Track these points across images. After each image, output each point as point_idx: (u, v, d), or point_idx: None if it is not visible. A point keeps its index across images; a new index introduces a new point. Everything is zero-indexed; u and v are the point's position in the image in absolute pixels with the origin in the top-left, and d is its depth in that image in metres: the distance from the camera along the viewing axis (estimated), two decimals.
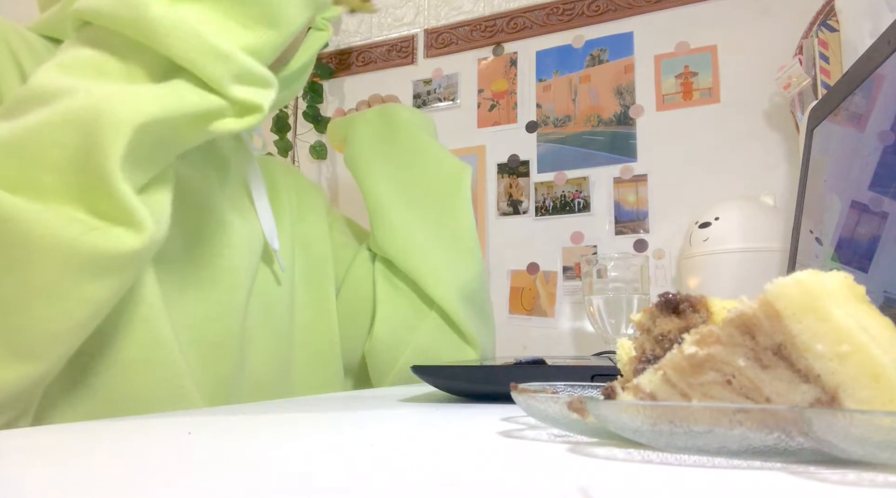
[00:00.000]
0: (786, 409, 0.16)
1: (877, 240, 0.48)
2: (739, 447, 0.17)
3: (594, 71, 1.20)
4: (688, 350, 0.19)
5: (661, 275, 1.10)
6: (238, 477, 0.18)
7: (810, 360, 0.16)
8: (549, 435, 0.25)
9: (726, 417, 0.16)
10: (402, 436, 0.27)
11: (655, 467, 0.18)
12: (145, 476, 0.19)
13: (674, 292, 0.24)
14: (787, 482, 0.16)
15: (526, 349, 1.15)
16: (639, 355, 0.24)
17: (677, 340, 0.23)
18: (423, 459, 0.21)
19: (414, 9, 1.38)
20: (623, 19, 1.19)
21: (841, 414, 0.15)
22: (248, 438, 0.27)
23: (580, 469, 0.18)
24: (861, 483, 0.16)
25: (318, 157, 1.39)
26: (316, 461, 0.21)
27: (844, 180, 0.57)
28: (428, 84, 1.34)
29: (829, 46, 0.92)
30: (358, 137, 0.81)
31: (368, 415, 0.35)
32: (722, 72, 1.11)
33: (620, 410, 0.18)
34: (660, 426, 0.17)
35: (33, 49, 0.51)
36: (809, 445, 0.16)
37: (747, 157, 1.07)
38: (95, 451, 0.24)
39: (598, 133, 1.18)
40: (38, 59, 0.50)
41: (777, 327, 0.17)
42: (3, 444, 0.26)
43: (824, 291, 0.16)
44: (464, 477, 0.18)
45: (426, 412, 0.36)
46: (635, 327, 0.25)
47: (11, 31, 0.50)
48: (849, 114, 0.58)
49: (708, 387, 0.18)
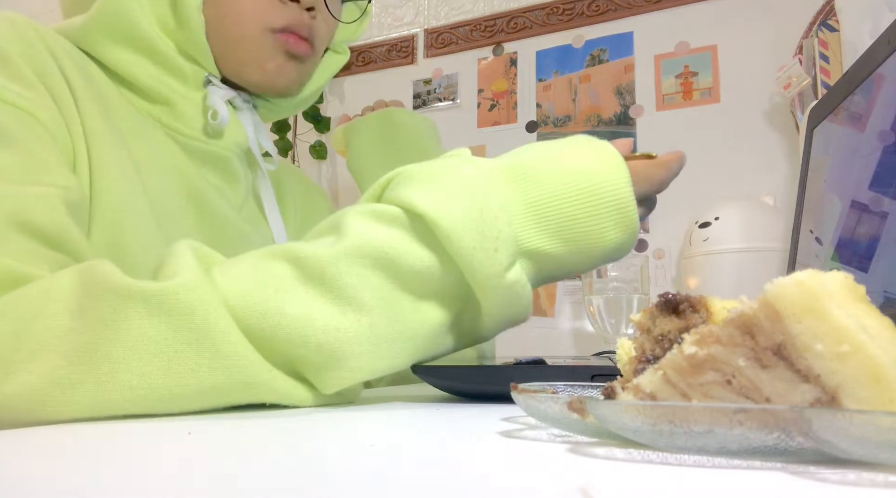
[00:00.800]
0: (786, 409, 0.16)
1: (877, 240, 0.48)
2: (739, 447, 0.17)
3: (594, 71, 1.20)
4: (688, 350, 0.19)
5: (661, 275, 1.10)
6: (238, 477, 0.18)
7: (810, 360, 0.16)
8: (549, 435, 0.25)
9: (726, 417, 0.16)
10: (402, 436, 0.27)
11: (655, 467, 0.18)
12: (145, 476, 0.19)
13: (674, 292, 0.24)
14: (787, 482, 0.16)
15: (526, 349, 1.15)
16: (639, 355, 0.24)
17: (677, 341, 0.23)
18: (423, 459, 0.21)
19: (414, 9, 1.38)
20: (623, 19, 1.19)
21: (841, 414, 0.15)
22: (248, 438, 0.27)
23: (580, 469, 0.18)
24: (861, 483, 0.16)
25: (318, 157, 1.39)
26: (316, 461, 0.21)
27: (844, 180, 0.57)
28: (428, 84, 1.34)
29: (829, 46, 0.92)
30: (359, 142, 0.82)
31: (368, 415, 0.35)
32: (722, 72, 1.11)
33: (620, 410, 0.18)
34: (660, 426, 0.17)
35: (69, 52, 0.52)
36: (809, 445, 0.16)
37: (747, 157, 1.07)
38: (95, 451, 0.24)
39: (598, 133, 1.18)
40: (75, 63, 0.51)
41: (777, 327, 0.17)
42: (3, 444, 0.26)
43: (824, 291, 0.16)
44: (464, 477, 0.18)
45: (426, 412, 0.36)
46: (635, 327, 0.25)
47: (50, 36, 0.51)
48: (849, 114, 0.58)
49: (708, 387, 0.18)
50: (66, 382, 0.32)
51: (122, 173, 0.51)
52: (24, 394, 0.32)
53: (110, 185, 0.49)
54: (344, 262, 0.37)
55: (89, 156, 0.49)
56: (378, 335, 0.37)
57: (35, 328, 0.33)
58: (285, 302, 0.36)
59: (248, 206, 0.66)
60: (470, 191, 0.40)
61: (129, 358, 0.33)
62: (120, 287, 0.34)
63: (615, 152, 0.43)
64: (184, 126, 0.58)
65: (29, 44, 0.48)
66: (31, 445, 0.26)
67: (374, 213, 0.40)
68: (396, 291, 0.39)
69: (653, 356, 0.23)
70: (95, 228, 0.48)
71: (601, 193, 0.41)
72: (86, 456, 0.23)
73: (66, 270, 0.36)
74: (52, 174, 0.43)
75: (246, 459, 0.21)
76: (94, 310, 0.33)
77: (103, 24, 0.55)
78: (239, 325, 0.35)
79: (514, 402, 0.24)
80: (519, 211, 0.41)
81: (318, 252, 0.37)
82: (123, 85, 0.57)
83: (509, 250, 0.39)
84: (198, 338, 0.34)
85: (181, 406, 0.35)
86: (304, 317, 0.36)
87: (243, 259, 0.39)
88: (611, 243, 0.42)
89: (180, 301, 0.34)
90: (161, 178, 0.55)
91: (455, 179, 0.40)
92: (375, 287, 0.38)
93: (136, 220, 0.51)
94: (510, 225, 0.40)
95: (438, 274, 0.39)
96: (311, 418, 0.33)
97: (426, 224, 0.39)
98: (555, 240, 0.41)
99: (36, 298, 0.34)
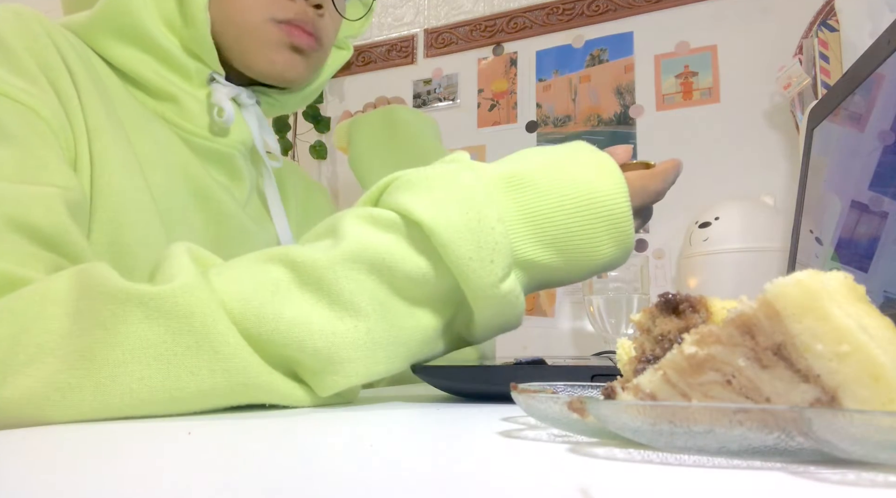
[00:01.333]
0: (786, 409, 0.16)
1: (877, 240, 0.48)
2: (739, 447, 0.17)
3: (594, 71, 1.20)
4: (688, 350, 0.19)
5: (661, 275, 1.10)
6: (237, 477, 0.18)
7: (810, 360, 0.16)
8: (549, 435, 0.25)
9: (726, 417, 0.16)
10: (402, 436, 0.27)
11: (655, 467, 0.18)
12: (145, 476, 0.19)
13: (673, 292, 0.24)
14: (787, 482, 0.16)
15: (526, 349, 1.15)
16: (639, 355, 0.24)
17: (677, 340, 0.23)
18: (423, 459, 0.21)
19: (414, 9, 1.38)
20: (623, 19, 1.19)
21: (841, 414, 0.15)
22: (248, 438, 0.27)
23: (580, 469, 0.18)
24: (861, 483, 0.16)
25: (318, 156, 1.39)
26: (316, 461, 0.21)
27: (844, 180, 0.57)
28: (428, 84, 1.34)
29: (829, 46, 0.92)
30: (360, 139, 0.82)
31: (368, 415, 0.35)
32: (722, 72, 1.11)
33: (620, 410, 0.18)
34: (660, 426, 0.17)
35: (74, 47, 0.52)
36: (809, 445, 0.16)
37: (747, 157, 1.07)
38: (95, 451, 0.24)
39: (598, 133, 1.18)
40: (80, 57, 0.51)
41: (777, 327, 0.17)
42: (3, 444, 0.26)
43: (824, 291, 0.16)
44: (464, 477, 0.18)
45: (426, 412, 0.36)
46: (635, 327, 0.25)
47: (55, 30, 0.51)
48: (849, 114, 0.58)
49: (708, 387, 0.18)
50: (65, 386, 0.32)
51: (125, 169, 0.51)
52: (24, 398, 0.32)
53: (112, 181, 0.49)
54: (341, 267, 0.37)
55: (91, 152, 0.49)
56: (374, 340, 0.38)
57: (33, 332, 0.33)
58: (283, 306, 0.36)
59: (253, 204, 0.66)
60: (468, 200, 0.40)
61: (128, 361, 0.33)
62: (118, 291, 0.33)
63: (615, 166, 0.43)
64: (188, 123, 0.58)
65: (34, 37, 0.48)
66: (31, 445, 0.26)
67: (371, 217, 0.40)
68: (392, 296, 0.39)
69: (653, 356, 0.23)
70: (96, 226, 0.48)
71: (599, 208, 0.42)
72: (86, 456, 0.23)
73: (62, 273, 0.36)
74: (52, 173, 0.43)
75: (245, 460, 0.21)
76: (93, 313, 0.33)
77: (107, 20, 0.55)
78: (237, 328, 0.35)
79: (514, 402, 0.24)
80: (516, 222, 0.41)
81: (316, 256, 0.37)
82: (128, 81, 0.57)
83: (505, 261, 0.39)
84: (197, 341, 0.34)
85: (181, 408, 0.35)
86: (302, 321, 0.36)
87: (240, 262, 0.39)
88: (605, 257, 0.43)
89: (178, 304, 0.34)
90: (166, 176, 0.55)
91: (454, 187, 0.40)
92: (372, 292, 0.38)
93: (139, 217, 0.51)
94: (506, 236, 0.40)
95: (434, 281, 0.39)
96: (311, 419, 0.33)
97: (423, 232, 0.39)
98: (550, 252, 0.41)
99: (33, 301, 0.34)
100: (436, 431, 0.29)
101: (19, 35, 0.47)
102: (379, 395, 0.50)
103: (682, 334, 0.22)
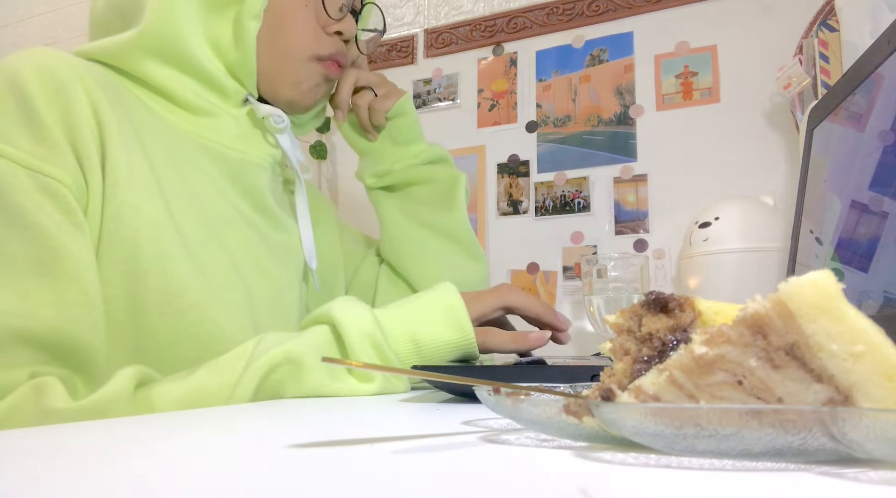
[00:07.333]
0: (810, 409, 0.15)
1: (877, 240, 0.48)
2: (763, 449, 0.16)
3: (594, 71, 1.20)
4: (698, 350, 0.18)
5: (661, 275, 1.10)
6: (237, 477, 0.18)
7: (824, 359, 0.16)
8: (549, 435, 0.24)
9: (741, 418, 0.16)
10: (402, 436, 0.27)
11: (655, 468, 0.18)
12: (145, 476, 0.19)
13: (658, 291, 0.23)
14: (792, 483, 0.16)
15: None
16: (634, 357, 0.24)
17: (667, 339, 0.22)
18: (423, 460, 0.21)
19: (414, 9, 1.38)
20: (623, 19, 1.19)
21: (862, 413, 0.14)
22: (248, 437, 0.27)
23: (580, 469, 0.18)
24: (874, 480, 0.15)
25: (318, 156, 1.39)
26: (316, 461, 0.21)
27: (844, 180, 0.57)
28: (428, 84, 1.34)
29: (829, 46, 0.92)
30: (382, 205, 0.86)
31: (368, 415, 0.35)
32: (722, 72, 1.11)
33: (626, 413, 0.18)
34: (685, 430, 0.17)
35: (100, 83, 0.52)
36: (831, 446, 0.16)
37: (747, 157, 1.07)
38: (96, 451, 0.24)
39: (597, 133, 1.18)
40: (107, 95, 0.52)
41: (790, 327, 0.17)
42: (3, 444, 0.26)
43: (838, 291, 0.16)
44: (464, 477, 0.18)
45: (426, 412, 0.36)
46: (612, 329, 0.24)
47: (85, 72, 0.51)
48: (849, 114, 0.58)
49: (717, 388, 0.18)
50: None
51: (144, 190, 0.52)
52: None
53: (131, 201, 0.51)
54: None
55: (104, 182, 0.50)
56: None
57: None
58: None
59: (280, 216, 0.69)
60: None
61: None
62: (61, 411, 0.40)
63: None
64: (223, 137, 0.62)
65: (58, 89, 0.48)
66: (31, 445, 0.25)
67: None
68: None
69: (647, 357, 0.23)
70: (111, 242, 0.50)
71: None
72: (86, 456, 0.23)
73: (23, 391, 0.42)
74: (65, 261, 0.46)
75: (245, 459, 0.21)
76: None
77: (150, 43, 0.57)
78: None
79: None
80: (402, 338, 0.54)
81: None
82: (161, 95, 0.60)
83: None
84: None
85: None
86: None
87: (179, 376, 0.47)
88: None
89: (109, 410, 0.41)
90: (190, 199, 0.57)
91: None
92: None
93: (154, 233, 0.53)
94: None
95: None
96: (311, 418, 0.33)
97: None
98: None
99: None
100: (435, 431, 0.28)
101: (42, 91, 0.48)
102: (378, 395, 0.50)
103: (672, 333, 0.22)
